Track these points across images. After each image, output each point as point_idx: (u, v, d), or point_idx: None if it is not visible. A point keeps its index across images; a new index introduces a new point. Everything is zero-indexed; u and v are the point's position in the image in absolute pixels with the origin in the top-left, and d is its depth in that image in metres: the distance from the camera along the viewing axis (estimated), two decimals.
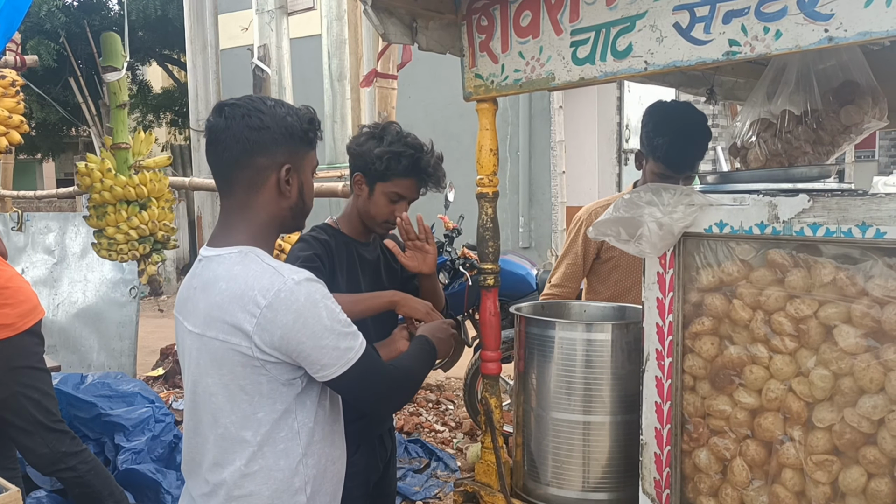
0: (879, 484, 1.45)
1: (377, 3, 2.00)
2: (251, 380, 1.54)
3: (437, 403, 5.67)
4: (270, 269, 1.53)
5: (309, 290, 1.52)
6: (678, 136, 2.42)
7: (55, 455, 2.95)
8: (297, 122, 1.62)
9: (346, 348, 1.55)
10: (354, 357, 1.56)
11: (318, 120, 1.70)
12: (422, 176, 2.22)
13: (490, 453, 2.14)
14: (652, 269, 1.75)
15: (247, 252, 1.57)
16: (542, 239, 10.10)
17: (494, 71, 2.03)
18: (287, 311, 1.49)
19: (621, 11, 1.73)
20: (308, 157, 1.66)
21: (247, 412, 1.55)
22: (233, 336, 1.51)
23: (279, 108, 1.62)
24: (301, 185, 1.65)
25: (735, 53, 1.56)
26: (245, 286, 1.51)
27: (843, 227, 1.45)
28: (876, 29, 1.37)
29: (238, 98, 1.63)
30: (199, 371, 1.59)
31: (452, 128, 9.97)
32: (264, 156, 1.59)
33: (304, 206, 1.68)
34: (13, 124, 3.12)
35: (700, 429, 1.71)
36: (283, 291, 1.49)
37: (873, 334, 1.44)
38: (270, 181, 1.60)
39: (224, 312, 1.52)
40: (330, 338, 1.52)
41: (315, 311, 1.51)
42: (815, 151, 2.24)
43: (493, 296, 2.15)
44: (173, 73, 16.46)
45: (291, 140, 1.61)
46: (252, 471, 1.56)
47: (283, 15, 5.37)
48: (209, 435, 1.60)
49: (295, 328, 1.49)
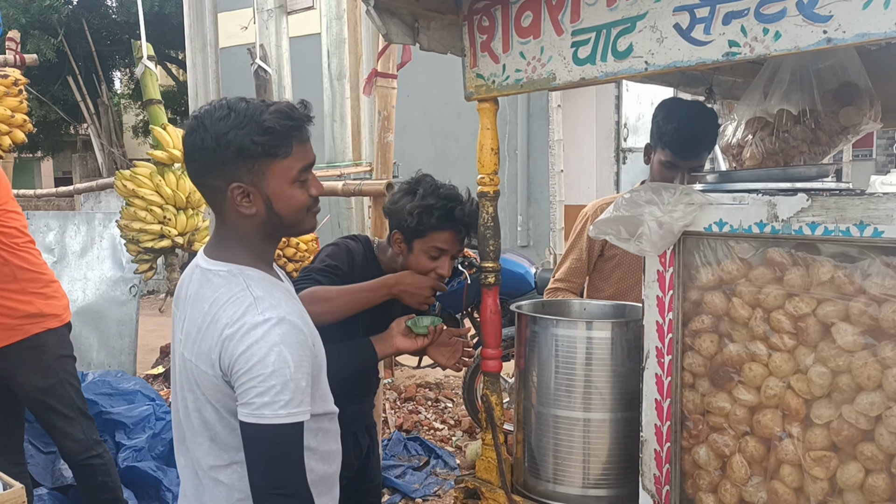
0: (877, 480, 1.47)
1: (379, 4, 2.01)
2: (223, 404, 1.50)
3: (435, 401, 5.69)
4: (250, 298, 1.47)
5: (273, 331, 1.43)
6: (687, 123, 2.47)
7: (89, 442, 3.05)
8: (246, 134, 1.46)
9: (270, 403, 1.40)
10: (272, 420, 1.41)
11: (298, 116, 1.52)
12: (458, 227, 2.16)
13: (491, 450, 2.16)
14: (652, 267, 1.77)
15: (236, 273, 1.52)
16: (541, 237, 10.11)
17: (496, 71, 2.05)
18: (241, 343, 1.43)
19: (622, 12, 1.75)
20: (273, 167, 1.49)
21: (223, 436, 1.53)
22: (202, 362, 1.49)
23: (225, 121, 1.46)
24: (268, 199, 1.51)
25: (735, 54, 1.57)
26: (220, 312, 1.47)
27: (841, 226, 1.47)
28: (874, 30, 1.38)
29: (203, 106, 1.53)
30: (181, 387, 1.58)
31: (451, 127, 9.98)
32: (211, 176, 1.51)
33: (279, 219, 1.54)
34: (16, 123, 3.13)
35: (699, 426, 1.73)
36: (248, 325, 1.43)
37: (871, 332, 1.46)
38: (227, 201, 1.51)
39: (200, 336, 1.50)
40: (264, 384, 1.40)
41: (265, 351, 1.41)
42: (811, 151, 2.26)
43: (493, 294, 2.17)
44: (171, 71, 16.45)
45: (239, 157, 1.47)
46: (244, 479, 1.52)
47: (283, 14, 5.37)
48: (194, 450, 1.58)
49: (241, 360, 1.42)
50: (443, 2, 2.11)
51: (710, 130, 2.53)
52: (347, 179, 4.25)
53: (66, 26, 12.03)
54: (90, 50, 11.18)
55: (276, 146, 1.49)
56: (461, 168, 8.77)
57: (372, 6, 2.00)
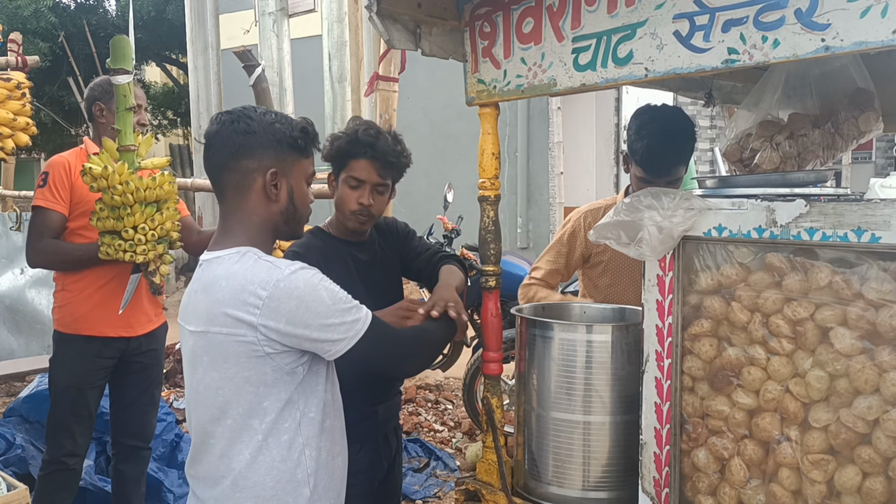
0: (874, 483, 1.48)
1: (382, 10, 2.03)
2: (256, 370, 1.59)
3: (436, 403, 5.70)
4: (267, 263, 1.60)
5: (306, 277, 1.59)
6: (656, 141, 2.43)
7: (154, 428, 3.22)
8: (286, 128, 1.67)
9: (352, 321, 1.63)
10: (363, 327, 1.64)
11: (314, 132, 1.73)
12: (367, 150, 2.17)
13: (491, 452, 2.17)
14: (652, 271, 1.78)
15: (244, 252, 1.63)
16: (540, 239, 10.12)
17: (497, 76, 2.06)
18: (289, 299, 1.55)
19: (622, 19, 1.76)
20: (299, 164, 1.70)
21: (252, 402, 1.61)
22: (237, 328, 1.57)
23: (269, 115, 1.67)
24: (291, 191, 1.69)
25: (734, 61, 1.59)
26: (245, 281, 1.57)
27: (839, 231, 1.48)
28: (871, 39, 1.40)
29: (234, 108, 1.69)
30: (204, 368, 1.63)
31: (451, 129, 9.99)
32: (250, 159, 1.65)
33: (295, 212, 1.72)
34: (19, 126, 3.15)
35: (699, 429, 1.75)
36: (283, 281, 1.56)
37: (868, 336, 1.47)
38: (257, 185, 1.66)
39: (227, 307, 1.57)
40: (335, 315, 1.60)
41: (316, 294, 1.58)
42: (825, 155, 2.27)
43: (494, 297, 2.18)
44: (171, 74, 16.47)
45: (279, 145, 1.66)
46: (257, 461, 1.62)
47: (284, 17, 5.40)
48: (216, 430, 1.64)
49: (299, 313, 1.56)
50: (445, 8, 2.13)
51: (682, 145, 2.49)
52: None
53: (65, 29, 12.04)
54: (90, 52, 11.20)
55: (305, 146, 1.70)
56: (462, 170, 8.79)
57: (374, 12, 2.02)
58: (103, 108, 2.94)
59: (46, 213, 2.76)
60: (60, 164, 2.81)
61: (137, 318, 3.00)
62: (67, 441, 2.88)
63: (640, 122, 2.50)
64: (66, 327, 2.91)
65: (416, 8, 2.08)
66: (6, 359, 5.55)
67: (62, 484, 2.91)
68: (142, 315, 3.02)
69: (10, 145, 3.20)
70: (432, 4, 2.10)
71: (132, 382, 3.05)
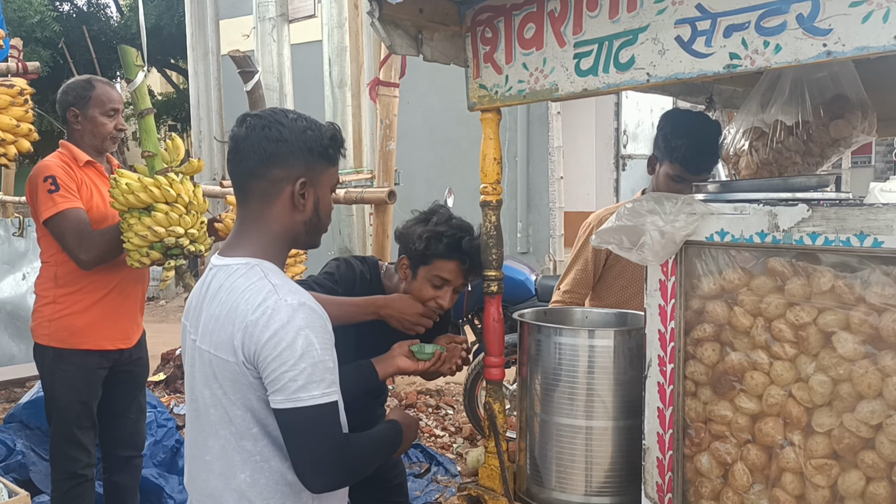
0: (878, 487, 1.48)
1: (384, 16, 2.03)
2: (241, 395, 1.52)
3: (436, 408, 5.69)
4: (269, 285, 1.51)
5: (296, 316, 1.47)
6: (697, 138, 2.49)
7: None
8: (318, 136, 1.60)
9: (303, 386, 1.45)
10: (309, 402, 1.45)
11: (342, 138, 1.68)
12: (464, 258, 2.14)
13: (494, 457, 2.17)
14: (654, 276, 1.78)
15: (253, 265, 1.57)
16: (540, 244, 10.12)
17: (498, 82, 2.07)
18: (266, 329, 1.46)
19: (624, 25, 1.77)
20: (327, 173, 1.64)
21: (242, 427, 1.54)
22: (222, 351, 1.52)
23: (300, 121, 1.61)
24: (317, 201, 1.63)
25: (736, 66, 1.59)
26: (240, 300, 1.51)
27: (842, 236, 1.48)
28: (873, 44, 1.40)
29: (263, 110, 1.64)
30: (198, 382, 1.60)
31: (451, 133, 9.99)
32: (280, 167, 1.58)
33: (319, 222, 1.66)
34: (21, 133, 3.14)
35: (702, 433, 1.75)
36: (270, 309, 1.47)
37: (871, 341, 1.48)
38: (285, 193, 1.59)
39: (218, 325, 1.53)
40: (296, 368, 1.45)
41: (292, 336, 1.46)
42: (805, 162, 2.27)
43: (496, 302, 2.18)
44: (171, 79, 16.50)
45: (309, 154, 1.60)
46: (259, 483, 1.55)
47: (284, 22, 5.40)
48: (213, 445, 1.59)
49: (267, 346, 1.46)
50: (446, 13, 2.13)
51: (717, 143, 2.55)
52: (349, 187, 4.27)
53: (66, 36, 12.08)
54: (91, 58, 11.25)
55: (334, 154, 1.65)
56: (462, 174, 8.79)
57: (376, 18, 2.02)
58: (78, 113, 2.84)
59: (75, 213, 2.70)
60: (58, 166, 2.76)
61: (133, 329, 2.98)
62: (82, 454, 2.85)
63: (676, 122, 2.56)
64: (62, 342, 2.81)
65: (418, 14, 2.08)
66: (7, 364, 5.55)
67: (84, 496, 2.87)
68: (135, 325, 3.00)
69: (12, 151, 3.19)
70: (434, 10, 2.11)
71: (121, 392, 3.00)
